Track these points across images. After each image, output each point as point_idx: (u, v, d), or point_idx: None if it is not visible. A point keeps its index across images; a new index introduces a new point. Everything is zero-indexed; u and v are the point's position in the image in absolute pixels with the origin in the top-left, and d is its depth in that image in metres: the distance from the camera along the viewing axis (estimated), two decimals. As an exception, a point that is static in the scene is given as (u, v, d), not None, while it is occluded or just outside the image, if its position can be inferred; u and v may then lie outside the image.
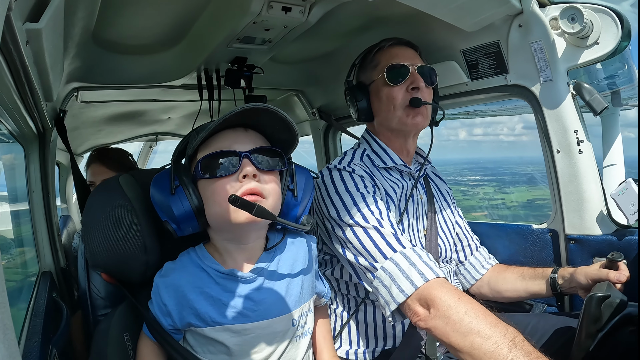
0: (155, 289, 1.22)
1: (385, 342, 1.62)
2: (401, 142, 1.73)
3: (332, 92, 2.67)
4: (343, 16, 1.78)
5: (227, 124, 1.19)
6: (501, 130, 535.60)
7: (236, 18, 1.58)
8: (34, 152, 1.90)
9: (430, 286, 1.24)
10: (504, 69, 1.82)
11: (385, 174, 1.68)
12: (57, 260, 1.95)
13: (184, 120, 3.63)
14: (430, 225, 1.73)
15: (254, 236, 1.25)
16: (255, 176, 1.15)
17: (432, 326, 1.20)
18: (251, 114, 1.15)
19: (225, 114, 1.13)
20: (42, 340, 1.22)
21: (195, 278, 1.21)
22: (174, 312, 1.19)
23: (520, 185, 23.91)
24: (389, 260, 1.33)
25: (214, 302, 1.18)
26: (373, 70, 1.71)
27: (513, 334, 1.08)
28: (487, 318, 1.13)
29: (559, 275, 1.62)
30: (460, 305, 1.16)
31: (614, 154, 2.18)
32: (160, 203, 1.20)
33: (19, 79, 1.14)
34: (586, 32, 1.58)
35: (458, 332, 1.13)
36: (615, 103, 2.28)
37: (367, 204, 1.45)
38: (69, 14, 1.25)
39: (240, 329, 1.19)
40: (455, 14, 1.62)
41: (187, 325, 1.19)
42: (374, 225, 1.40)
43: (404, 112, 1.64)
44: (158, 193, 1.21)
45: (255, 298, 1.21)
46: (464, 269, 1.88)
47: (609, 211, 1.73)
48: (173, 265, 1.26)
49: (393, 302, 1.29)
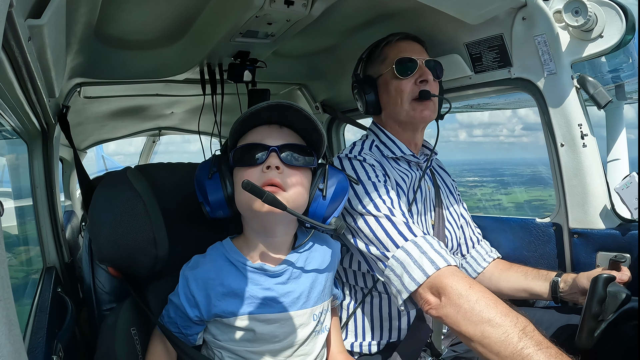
0: (183, 281, 1.27)
1: (391, 334, 1.63)
2: (409, 134, 1.73)
3: (335, 85, 2.67)
4: (346, 10, 1.78)
5: (262, 121, 1.27)
6: (501, 131, 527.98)
7: (239, 12, 1.58)
8: (37, 148, 1.90)
9: (442, 274, 1.24)
10: (507, 62, 1.81)
11: (394, 164, 1.68)
12: (61, 256, 1.96)
13: (187, 115, 3.63)
14: (438, 216, 1.73)
15: (281, 230, 1.29)
16: (279, 169, 1.20)
17: (444, 314, 1.21)
18: (278, 110, 1.22)
19: (251, 108, 1.21)
20: (47, 336, 1.22)
21: (223, 271, 1.25)
22: (202, 304, 1.23)
23: (519, 186, 23.88)
24: (401, 248, 1.34)
25: (241, 294, 1.23)
26: (381, 64, 1.72)
27: (524, 323, 1.09)
28: (498, 307, 1.13)
29: (562, 280, 1.62)
30: (471, 294, 1.17)
31: (618, 147, 2.17)
32: (199, 185, 1.28)
33: (22, 75, 1.13)
34: (590, 25, 1.57)
35: (469, 321, 1.14)
36: (619, 97, 2.26)
37: (379, 193, 1.45)
38: (71, 10, 1.25)
39: (264, 319, 1.23)
40: (459, 7, 1.61)
41: (213, 316, 1.24)
42: (385, 214, 1.40)
43: (412, 105, 1.65)
44: (200, 176, 1.29)
45: (281, 291, 1.25)
46: (465, 263, 1.88)
47: (613, 205, 1.73)
48: (202, 258, 1.30)
49: (405, 291, 1.30)
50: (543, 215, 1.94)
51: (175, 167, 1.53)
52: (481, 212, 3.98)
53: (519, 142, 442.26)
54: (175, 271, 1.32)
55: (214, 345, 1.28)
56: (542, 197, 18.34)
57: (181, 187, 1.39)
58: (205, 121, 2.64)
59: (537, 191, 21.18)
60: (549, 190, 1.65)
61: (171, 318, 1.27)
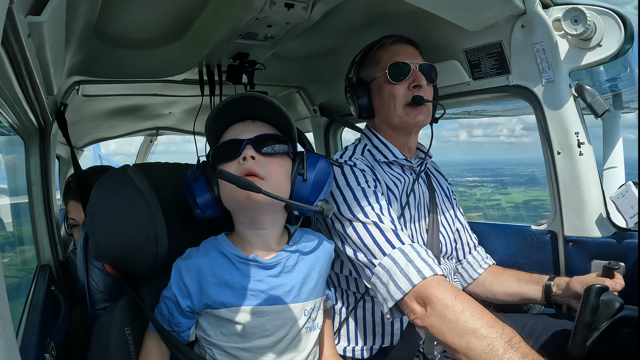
0: (176, 271, 1.28)
1: (384, 339, 1.62)
2: (403, 139, 1.73)
3: (334, 89, 2.67)
4: (346, 13, 1.78)
5: (234, 118, 1.31)
6: (501, 132, 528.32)
7: (239, 14, 1.58)
8: (34, 146, 1.90)
9: (427, 284, 1.24)
10: (506, 69, 1.81)
11: (386, 169, 1.68)
12: (56, 254, 1.95)
13: (185, 115, 3.63)
14: (432, 221, 1.73)
15: (268, 221, 1.29)
16: (254, 158, 1.22)
17: (429, 325, 1.20)
18: (242, 103, 1.27)
19: (218, 104, 1.27)
20: (40, 333, 1.22)
21: (216, 262, 1.26)
22: (194, 294, 1.24)
23: (519, 186, 23.94)
24: (387, 256, 1.33)
25: (233, 285, 1.23)
26: (374, 68, 1.71)
27: (510, 334, 1.08)
28: (483, 318, 1.13)
29: (555, 284, 1.62)
30: (456, 304, 1.16)
31: (615, 156, 2.18)
32: (187, 189, 1.31)
33: (20, 72, 1.13)
34: (589, 34, 1.57)
35: (454, 332, 1.13)
36: (616, 106, 2.27)
37: (368, 199, 1.45)
38: (71, 8, 1.25)
39: (255, 311, 1.23)
40: (458, 13, 1.62)
41: (204, 306, 1.24)
42: (373, 221, 1.40)
43: (405, 110, 1.64)
44: (187, 181, 1.32)
45: (273, 284, 1.25)
46: (461, 268, 1.88)
47: (609, 214, 1.73)
48: (196, 250, 1.31)
49: (390, 300, 1.29)
50: (539, 222, 1.94)
51: (171, 167, 1.53)
52: (480, 212, 3.97)
53: (519, 142, 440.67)
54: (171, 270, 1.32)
55: (205, 343, 1.28)
56: (542, 197, 18.43)
57: (178, 187, 1.39)
58: (202, 122, 2.63)
59: (536, 191, 21.24)
60: (548, 190, 1.64)
61: (164, 316, 1.27)
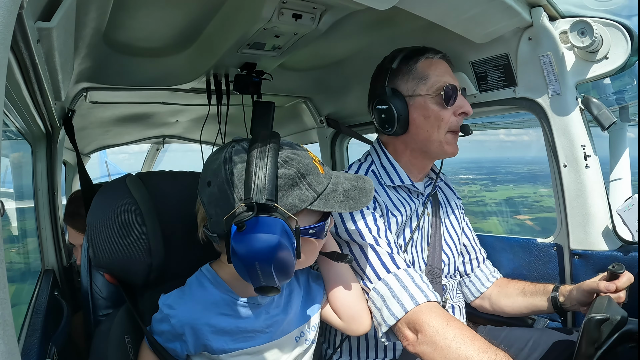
0: (165, 318, 1.20)
1: (386, 354, 1.61)
2: (424, 163, 1.66)
3: (340, 100, 2.68)
4: (353, 25, 1.79)
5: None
6: (501, 131, 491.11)
7: (247, 24, 1.59)
8: (41, 151, 1.91)
9: (419, 310, 1.23)
10: (512, 81, 1.81)
11: (391, 192, 1.61)
12: (60, 259, 1.96)
13: (192, 124, 3.65)
14: (434, 240, 1.68)
15: None
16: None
17: (421, 352, 1.19)
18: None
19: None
20: (41, 338, 1.22)
21: (209, 312, 1.19)
22: (190, 343, 1.18)
23: (508, 183, 23.88)
24: (382, 281, 1.33)
25: (231, 331, 1.19)
26: (420, 83, 1.56)
27: (502, 359, 1.08)
28: (475, 343, 1.12)
29: (560, 293, 1.60)
30: (448, 331, 1.16)
31: (621, 169, 2.17)
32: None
33: (29, 77, 1.14)
34: (596, 47, 1.57)
35: (446, 359, 1.13)
36: (623, 118, 2.27)
37: (365, 221, 1.43)
38: (81, 14, 1.26)
39: (254, 351, 1.21)
40: (465, 26, 1.62)
41: (202, 348, 1.19)
42: (369, 244, 1.39)
43: (446, 137, 1.56)
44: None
45: (269, 321, 1.22)
46: (468, 281, 1.86)
47: (615, 227, 1.72)
48: (182, 296, 1.23)
49: (384, 325, 1.29)
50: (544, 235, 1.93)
51: (177, 175, 1.53)
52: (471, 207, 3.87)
53: (519, 140, 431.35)
54: (172, 280, 1.31)
55: None
56: (527, 194, 18.53)
57: (182, 196, 1.38)
58: (209, 131, 2.64)
59: (523, 189, 21.19)
60: (535, 188, 1.65)
61: (160, 334, 1.22)
